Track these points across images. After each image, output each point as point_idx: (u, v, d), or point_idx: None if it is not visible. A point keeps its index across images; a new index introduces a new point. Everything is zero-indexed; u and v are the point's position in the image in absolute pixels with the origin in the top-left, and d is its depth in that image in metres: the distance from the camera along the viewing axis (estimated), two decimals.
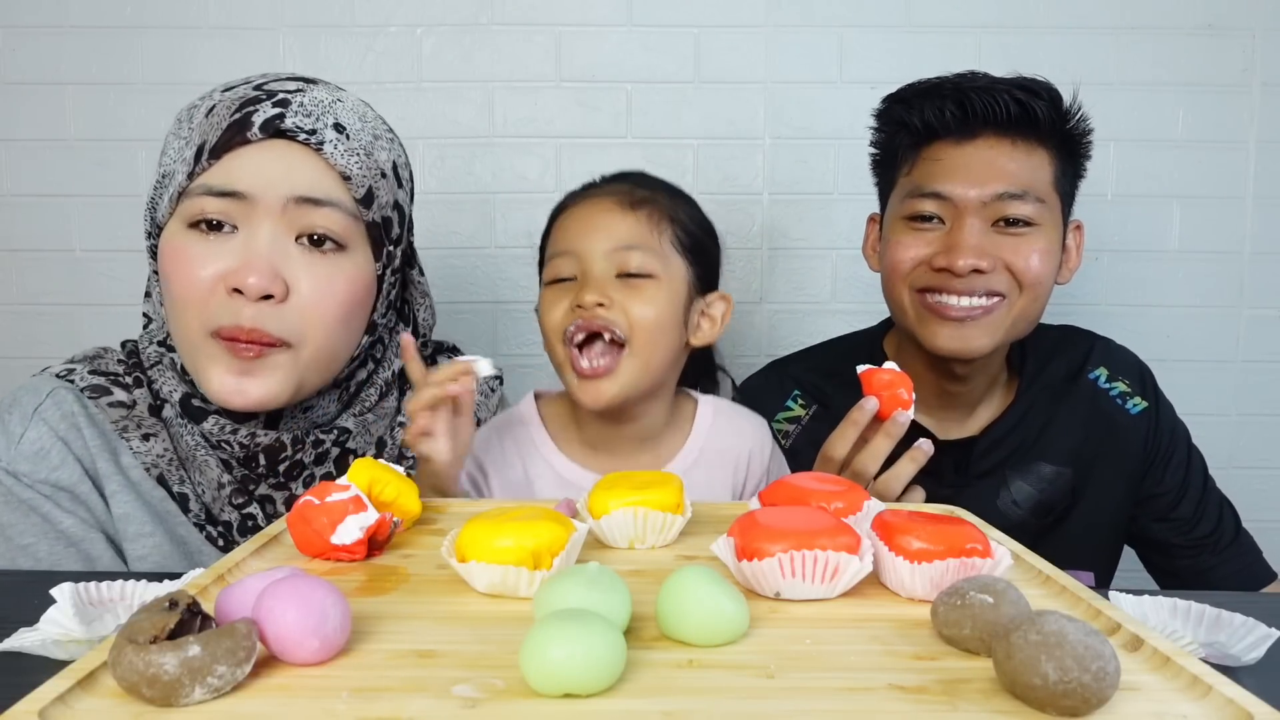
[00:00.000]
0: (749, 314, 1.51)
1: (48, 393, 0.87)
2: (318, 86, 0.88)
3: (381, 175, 0.88)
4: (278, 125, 0.81)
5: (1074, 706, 0.40)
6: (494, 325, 1.53)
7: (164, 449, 0.88)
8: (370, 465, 0.66)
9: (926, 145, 1.06)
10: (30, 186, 1.48)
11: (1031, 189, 1.01)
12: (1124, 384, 1.15)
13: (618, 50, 1.48)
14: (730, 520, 0.59)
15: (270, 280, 0.79)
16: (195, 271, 0.81)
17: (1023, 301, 1.03)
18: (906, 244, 1.05)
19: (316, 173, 0.83)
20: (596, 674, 0.41)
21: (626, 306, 0.90)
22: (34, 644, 0.56)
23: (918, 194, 1.05)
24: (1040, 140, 1.03)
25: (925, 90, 1.06)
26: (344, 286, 0.84)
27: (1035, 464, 1.10)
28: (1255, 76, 1.48)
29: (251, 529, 0.89)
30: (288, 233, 0.82)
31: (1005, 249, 1.02)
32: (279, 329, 0.81)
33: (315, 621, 0.44)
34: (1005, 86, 1.02)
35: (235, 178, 0.80)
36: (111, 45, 1.46)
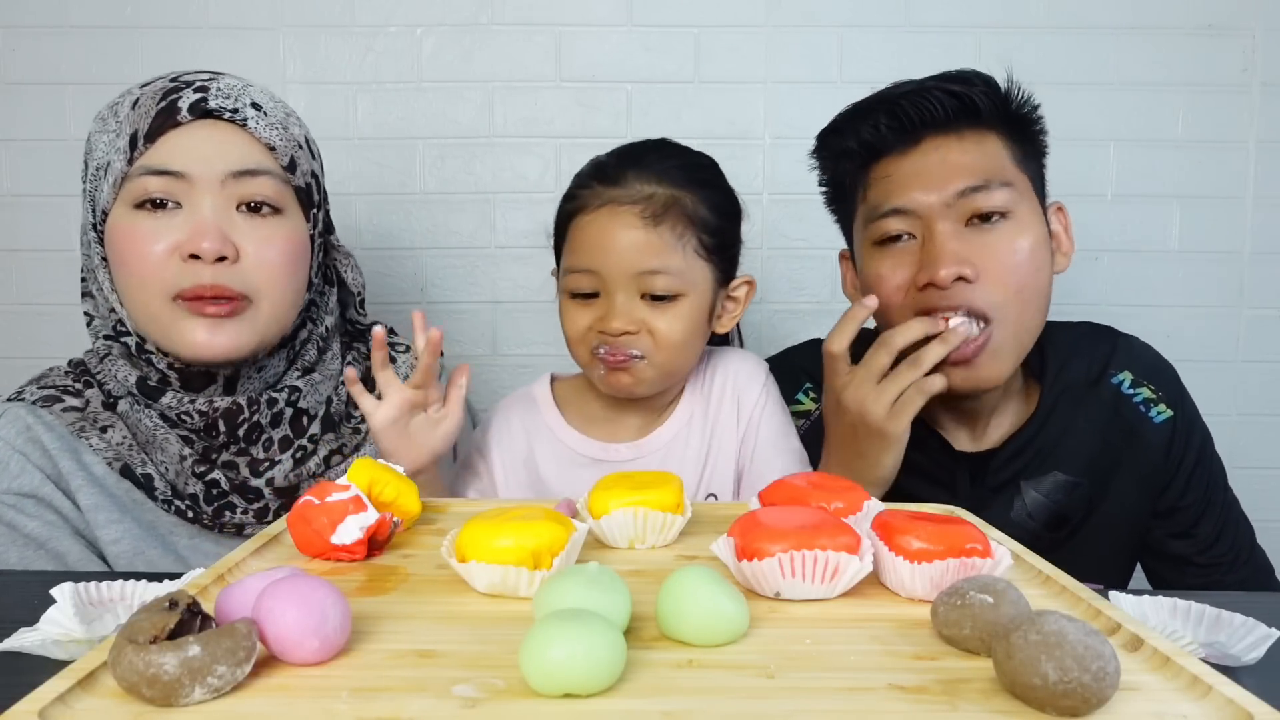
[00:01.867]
0: (749, 314, 1.50)
1: (0, 414, 0.93)
2: (228, 76, 0.95)
3: (299, 146, 0.95)
4: (204, 107, 0.89)
5: (1074, 706, 0.40)
6: (494, 325, 1.53)
7: (123, 437, 0.93)
8: (370, 465, 0.66)
9: (873, 165, 1.00)
10: (30, 186, 1.48)
11: (993, 176, 0.95)
12: (1149, 389, 1.07)
13: (618, 50, 1.48)
14: (730, 520, 0.59)
15: (222, 243, 0.87)
16: (149, 246, 0.88)
17: (1015, 312, 0.95)
18: (885, 274, 0.98)
19: (245, 146, 0.91)
20: (596, 674, 0.41)
21: (653, 326, 0.91)
22: (34, 644, 0.56)
23: (878, 215, 0.98)
24: (987, 127, 0.97)
25: (854, 113, 1.02)
26: (284, 244, 0.92)
27: (1050, 474, 1.04)
28: (1255, 76, 1.48)
29: (217, 496, 0.94)
30: (228, 204, 0.90)
31: (985, 251, 0.94)
32: (238, 284, 0.89)
33: (315, 621, 0.44)
34: (935, 84, 0.97)
35: (172, 158, 0.88)
36: (111, 45, 1.46)
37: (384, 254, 1.50)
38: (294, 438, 0.97)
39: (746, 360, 1.02)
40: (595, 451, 0.97)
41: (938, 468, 1.05)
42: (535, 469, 0.97)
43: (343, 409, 1.03)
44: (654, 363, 0.92)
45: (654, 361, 0.92)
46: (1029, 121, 1.00)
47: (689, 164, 0.96)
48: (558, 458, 0.97)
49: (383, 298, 1.49)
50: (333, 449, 0.99)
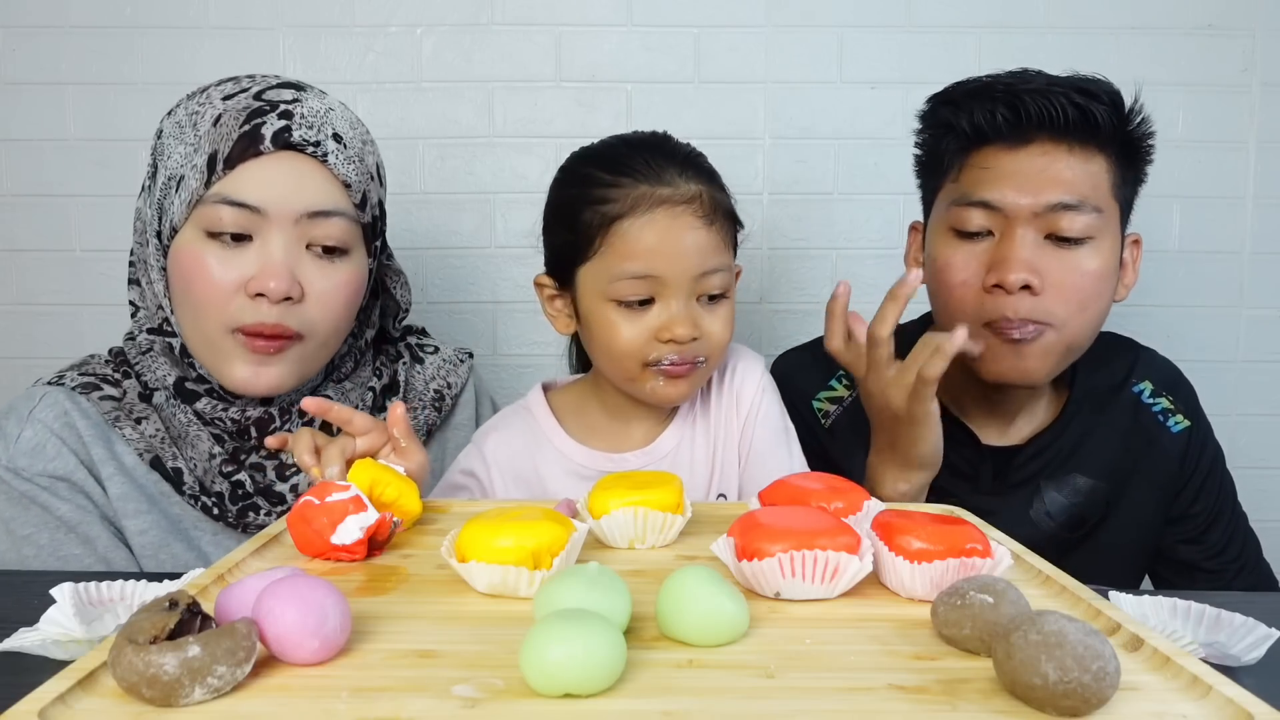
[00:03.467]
0: (749, 314, 1.51)
1: (40, 397, 0.94)
2: (309, 94, 0.94)
3: (371, 177, 0.95)
4: (287, 138, 0.88)
5: (1074, 706, 0.40)
6: (494, 325, 1.53)
7: (155, 430, 0.94)
8: (371, 466, 0.66)
9: (975, 150, 0.99)
10: (30, 186, 1.48)
11: (1089, 198, 0.94)
12: (1167, 400, 1.10)
13: (618, 50, 1.48)
14: (730, 520, 0.59)
15: (290, 284, 0.87)
16: (216, 276, 0.88)
17: (1075, 325, 0.97)
18: (956, 264, 0.98)
19: (323, 184, 0.90)
20: (596, 674, 0.41)
21: (708, 330, 0.89)
22: (34, 644, 0.56)
23: (964, 203, 0.98)
24: (1099, 146, 0.96)
25: (974, 91, 0.99)
26: (348, 287, 0.93)
27: (1070, 475, 1.06)
28: (1255, 76, 1.48)
29: (242, 496, 0.94)
30: (299, 242, 0.89)
31: (1057, 266, 0.95)
32: (296, 323, 0.90)
33: (315, 621, 0.44)
34: (1062, 89, 0.95)
35: (250, 191, 0.87)
36: (111, 45, 1.46)
37: None
38: None
39: (744, 356, 1.01)
40: (602, 463, 0.94)
41: (962, 460, 1.05)
42: (541, 485, 0.95)
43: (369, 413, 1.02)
44: (708, 367, 0.91)
45: (709, 366, 0.91)
46: (1139, 149, 1.00)
47: (701, 157, 0.94)
48: (565, 472, 0.95)
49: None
50: None
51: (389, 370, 1.07)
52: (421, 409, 1.06)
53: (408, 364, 1.08)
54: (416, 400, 1.06)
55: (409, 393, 1.06)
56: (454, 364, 1.12)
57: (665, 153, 0.90)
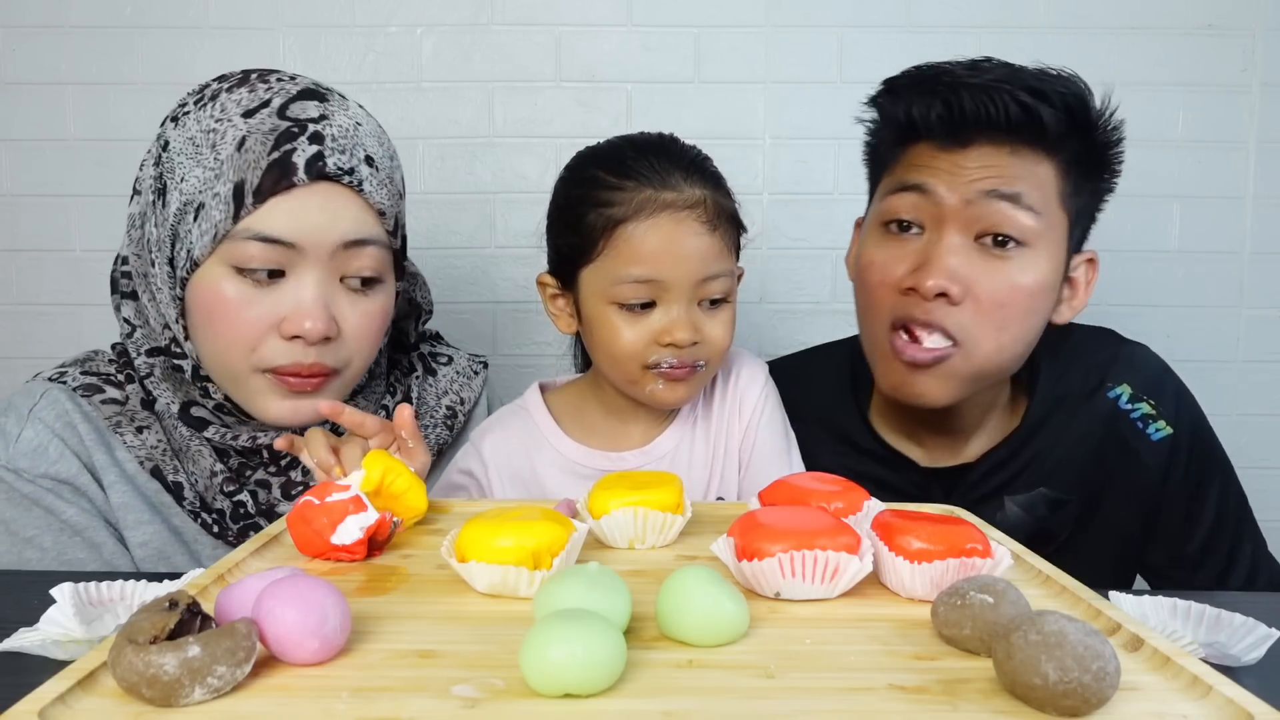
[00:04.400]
0: (749, 314, 1.51)
1: (41, 394, 0.90)
2: (333, 105, 0.89)
3: (400, 196, 0.92)
4: (321, 169, 0.83)
5: (1074, 706, 0.40)
6: (494, 325, 1.53)
7: (157, 440, 0.91)
8: (384, 456, 0.67)
9: (911, 145, 0.92)
10: (30, 186, 1.48)
11: (1028, 194, 0.87)
12: (1149, 405, 0.99)
13: (618, 50, 1.48)
14: (730, 520, 0.59)
15: (327, 325, 0.84)
16: (246, 314, 0.83)
17: (988, 348, 0.89)
18: (879, 262, 0.93)
19: (358, 215, 0.86)
20: (596, 674, 0.41)
21: (708, 334, 0.89)
22: (34, 644, 0.56)
23: (898, 189, 0.92)
24: (1047, 151, 0.88)
25: (917, 82, 0.92)
26: (381, 315, 0.91)
27: (1036, 491, 0.98)
28: (1255, 76, 1.48)
29: (243, 515, 0.91)
30: (333, 276, 0.86)
31: (982, 276, 0.87)
32: (334, 360, 0.87)
33: (315, 621, 0.44)
34: (1010, 86, 0.87)
35: (285, 227, 0.82)
36: (111, 45, 1.46)
37: None
38: None
39: (747, 363, 1.01)
40: (600, 462, 0.95)
41: (908, 484, 1.01)
42: (539, 485, 0.95)
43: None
44: (708, 370, 0.91)
45: (709, 369, 0.91)
46: (1101, 160, 0.93)
47: (707, 161, 0.94)
48: (563, 471, 0.95)
49: None
50: None
51: (403, 386, 1.04)
52: (433, 427, 1.03)
53: (420, 377, 1.05)
54: (429, 417, 1.03)
55: (421, 408, 1.03)
56: (467, 376, 1.08)
57: (671, 156, 0.90)
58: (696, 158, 0.92)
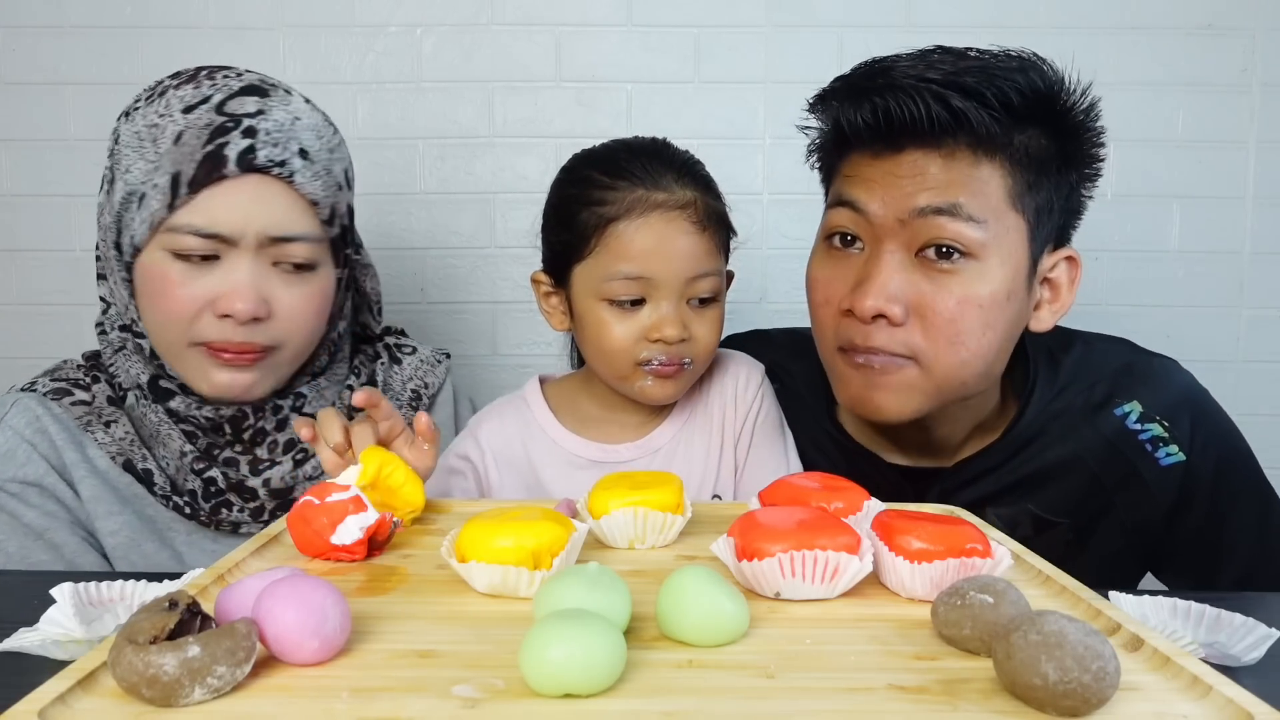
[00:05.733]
0: (749, 313, 1.51)
1: (11, 403, 0.96)
2: (273, 100, 0.91)
3: (339, 187, 0.94)
4: (251, 160, 0.87)
5: (1074, 706, 0.40)
6: (494, 325, 1.53)
7: (125, 432, 0.95)
8: (379, 452, 0.67)
9: (845, 157, 0.89)
10: (30, 186, 1.48)
11: (967, 204, 0.80)
12: (1160, 426, 0.91)
13: (618, 50, 1.48)
14: (730, 520, 0.59)
15: (256, 305, 0.88)
16: (182, 293, 0.88)
17: (945, 363, 0.83)
18: (821, 280, 0.90)
19: (287, 206, 0.89)
20: (596, 674, 0.41)
21: (696, 333, 0.90)
22: (34, 644, 0.56)
23: (835, 203, 0.89)
24: (987, 151, 0.81)
25: (847, 87, 0.87)
26: (317, 299, 0.94)
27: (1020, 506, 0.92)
28: (1255, 76, 1.48)
29: (215, 493, 0.94)
30: (265, 261, 0.90)
31: (926, 293, 0.82)
32: (265, 339, 0.91)
33: (315, 621, 0.44)
34: (939, 88, 0.80)
35: (215, 219, 0.87)
36: (111, 45, 1.46)
37: (384, 254, 1.50)
38: (298, 441, 0.98)
39: (743, 363, 1.02)
40: (594, 453, 0.96)
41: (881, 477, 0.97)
42: (534, 473, 0.96)
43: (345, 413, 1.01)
44: (695, 368, 0.93)
45: (696, 367, 0.93)
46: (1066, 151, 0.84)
47: (699, 164, 0.95)
48: (556, 461, 0.96)
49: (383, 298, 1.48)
50: None
51: (367, 370, 1.07)
52: (400, 408, 1.06)
53: (386, 364, 1.09)
54: (395, 400, 1.07)
55: (386, 392, 1.07)
56: (431, 364, 1.12)
57: (663, 159, 0.92)
58: (688, 161, 0.94)
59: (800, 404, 1.04)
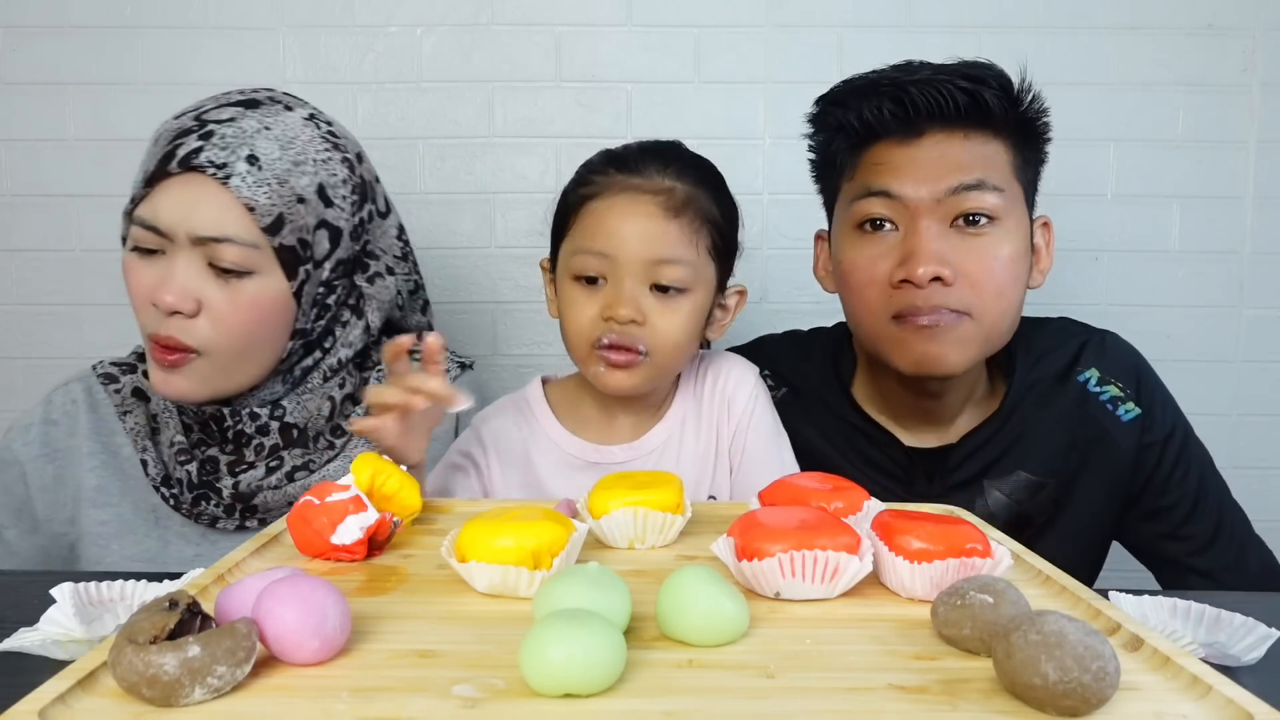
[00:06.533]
0: (749, 314, 1.50)
1: (66, 381, 1.05)
2: (256, 111, 0.94)
3: (299, 200, 0.93)
4: (192, 161, 0.89)
5: (1074, 706, 0.40)
6: (494, 325, 1.53)
7: (135, 423, 1.01)
8: (373, 459, 0.67)
9: (868, 148, 0.97)
10: (30, 186, 1.48)
11: (989, 178, 0.93)
12: (1116, 387, 1.04)
13: (618, 50, 1.48)
14: (730, 520, 0.59)
15: (179, 299, 0.89)
16: (133, 285, 0.93)
17: (992, 314, 0.94)
18: (862, 263, 0.96)
19: (219, 208, 0.90)
20: (596, 674, 0.41)
21: (655, 321, 0.90)
22: (34, 644, 0.56)
23: (864, 194, 0.96)
24: (994, 130, 0.95)
25: (860, 88, 0.98)
26: (246, 307, 0.92)
27: (1014, 474, 1.02)
28: (1255, 76, 1.48)
29: (194, 486, 0.98)
30: (201, 260, 0.91)
31: (967, 255, 0.92)
32: (190, 339, 0.91)
33: (315, 621, 0.44)
34: (949, 76, 0.93)
35: (157, 214, 0.90)
36: (111, 45, 1.46)
37: None
38: (281, 447, 0.99)
39: (738, 364, 1.02)
40: (590, 454, 0.96)
41: (892, 464, 1.04)
42: (534, 472, 0.97)
43: (322, 424, 1.02)
44: (653, 361, 0.91)
45: (653, 360, 0.91)
46: (1035, 129, 0.98)
47: (704, 166, 0.97)
48: (554, 461, 0.97)
49: None
50: (298, 464, 0.99)
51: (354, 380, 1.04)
52: None
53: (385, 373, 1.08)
54: None
55: None
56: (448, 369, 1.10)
57: (661, 153, 0.94)
58: (688, 158, 0.96)
59: (815, 401, 1.08)
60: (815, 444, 1.06)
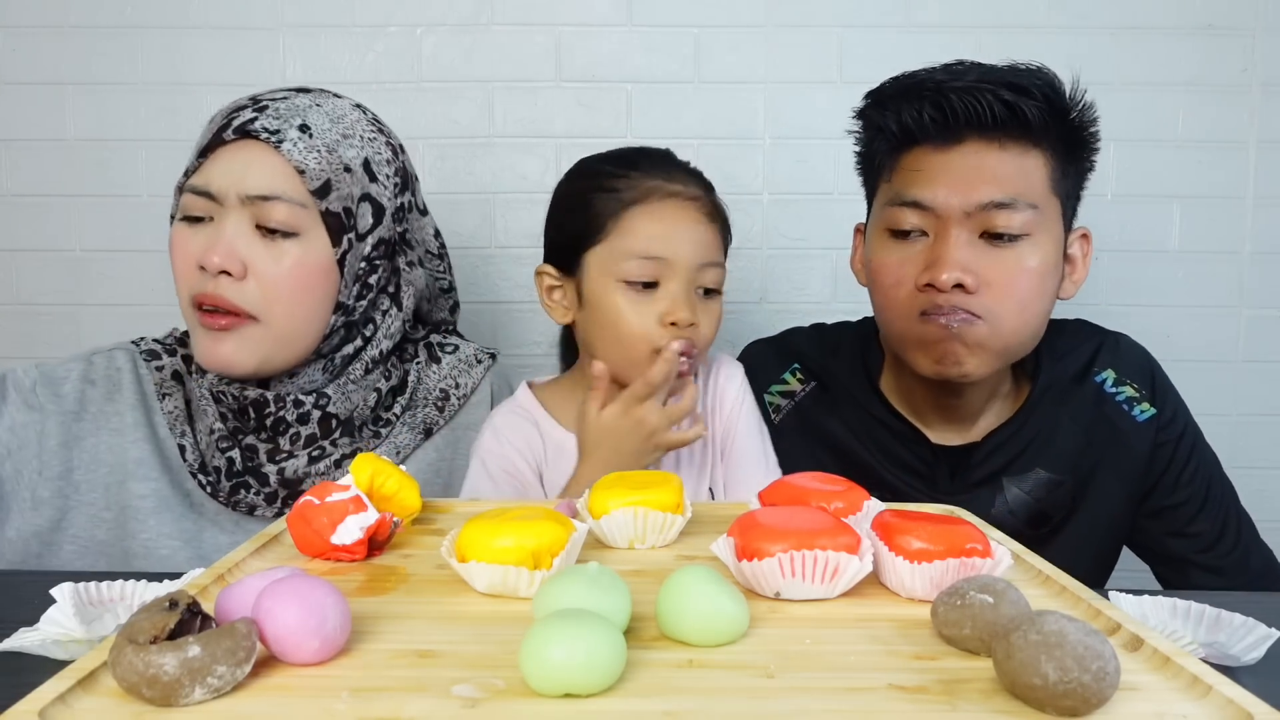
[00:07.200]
0: (749, 314, 1.51)
1: (111, 347, 1.05)
2: (309, 95, 0.98)
3: (345, 169, 0.95)
4: (247, 127, 0.92)
5: (1074, 706, 0.40)
6: (494, 325, 1.53)
7: (174, 406, 1.02)
8: (372, 460, 0.66)
9: (905, 152, 0.98)
10: (30, 186, 1.48)
11: (1023, 195, 0.93)
12: (1132, 388, 1.06)
13: (618, 50, 1.48)
14: (730, 520, 0.59)
15: (226, 258, 0.90)
16: (182, 254, 0.94)
17: (1012, 324, 0.95)
18: (891, 266, 0.98)
19: (271, 170, 0.92)
20: (596, 674, 0.41)
21: (703, 322, 0.94)
22: (34, 644, 0.56)
23: (897, 203, 0.97)
24: (1033, 141, 0.94)
25: (902, 90, 0.98)
26: (294, 267, 0.93)
27: (1033, 471, 1.04)
28: (1255, 76, 1.48)
29: (234, 474, 0.98)
30: (249, 222, 0.92)
31: (992, 265, 0.94)
32: (240, 299, 0.92)
33: (315, 621, 0.44)
34: (991, 85, 0.92)
35: (209, 179, 0.93)
36: (111, 45, 1.46)
37: None
38: (319, 437, 1.00)
39: (726, 362, 1.04)
40: None
41: (918, 460, 1.06)
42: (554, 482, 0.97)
43: (367, 415, 1.03)
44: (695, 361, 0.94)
45: (696, 360, 0.94)
46: (1081, 139, 0.98)
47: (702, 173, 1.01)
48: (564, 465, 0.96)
49: None
50: (346, 453, 1.00)
51: (398, 371, 1.07)
52: (424, 406, 1.07)
53: (423, 363, 1.09)
54: (424, 398, 1.07)
55: (419, 390, 1.07)
56: (469, 364, 1.11)
57: (671, 160, 0.99)
58: (693, 168, 1.00)
59: (844, 396, 1.10)
60: (842, 438, 1.08)
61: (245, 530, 0.99)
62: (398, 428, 1.05)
